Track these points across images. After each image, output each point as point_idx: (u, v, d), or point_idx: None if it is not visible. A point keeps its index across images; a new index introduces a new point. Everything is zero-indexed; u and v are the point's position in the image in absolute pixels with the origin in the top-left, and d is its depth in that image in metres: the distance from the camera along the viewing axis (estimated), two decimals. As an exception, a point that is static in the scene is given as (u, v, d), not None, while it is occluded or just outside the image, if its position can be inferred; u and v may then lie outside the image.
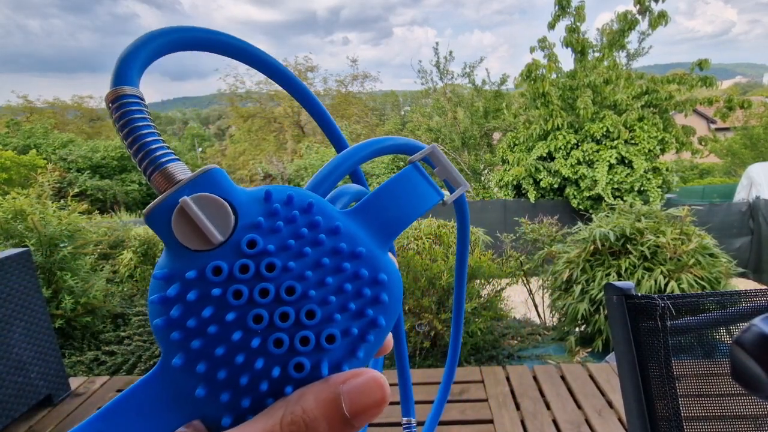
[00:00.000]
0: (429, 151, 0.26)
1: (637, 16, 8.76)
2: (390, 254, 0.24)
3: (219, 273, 0.20)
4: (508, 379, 2.22)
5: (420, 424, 0.40)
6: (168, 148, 0.22)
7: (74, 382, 2.35)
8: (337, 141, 0.32)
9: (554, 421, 1.90)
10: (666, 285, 3.12)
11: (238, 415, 0.20)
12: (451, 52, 12.67)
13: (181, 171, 0.21)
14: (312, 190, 0.24)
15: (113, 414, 0.19)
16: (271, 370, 0.20)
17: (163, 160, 0.21)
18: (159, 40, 0.23)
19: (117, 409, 0.19)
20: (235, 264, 0.20)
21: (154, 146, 0.21)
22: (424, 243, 3.76)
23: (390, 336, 0.25)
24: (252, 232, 0.20)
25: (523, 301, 4.37)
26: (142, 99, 0.22)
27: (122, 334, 3.41)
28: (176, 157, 0.22)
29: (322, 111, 0.31)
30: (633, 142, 8.25)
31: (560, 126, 8.47)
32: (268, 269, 0.20)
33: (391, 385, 0.21)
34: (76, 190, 10.04)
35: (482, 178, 11.54)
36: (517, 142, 9.28)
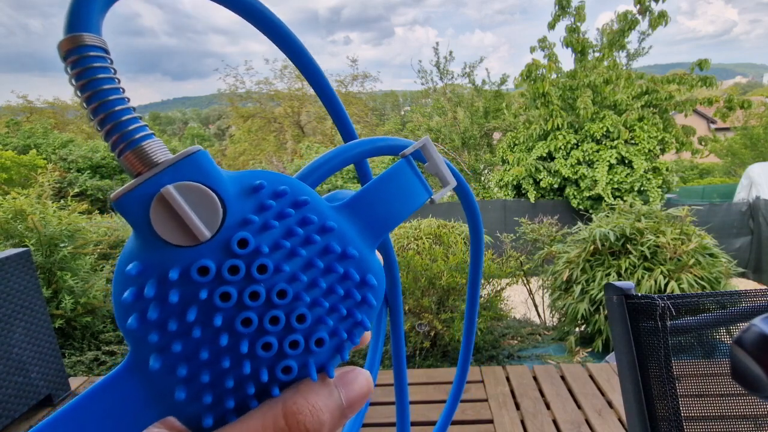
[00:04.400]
0: (422, 144, 0.24)
1: (637, 16, 8.77)
2: (377, 253, 0.23)
3: (206, 274, 0.18)
4: (508, 379, 2.22)
5: (431, 424, 0.39)
6: (140, 119, 0.19)
7: (74, 382, 2.35)
8: (330, 104, 0.27)
9: (554, 421, 1.90)
10: (666, 285, 3.12)
11: (221, 416, 0.19)
12: (451, 52, 12.69)
13: (159, 151, 0.18)
14: (301, 179, 0.22)
15: (77, 414, 0.18)
16: (258, 373, 0.19)
17: (138, 136, 0.18)
18: None
19: (81, 408, 0.18)
20: (224, 264, 0.18)
21: (125, 117, 0.18)
22: (424, 243, 3.76)
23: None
24: (242, 229, 0.19)
25: (523, 301, 4.37)
26: (107, 52, 0.18)
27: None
28: (151, 132, 0.19)
29: (322, 78, 0.26)
30: (633, 142, 8.25)
31: (560, 126, 8.47)
32: (260, 271, 0.19)
33: (386, 385, 0.21)
34: (76, 190, 10.04)
35: (482, 178, 11.54)
36: (517, 142, 9.27)
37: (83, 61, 0.17)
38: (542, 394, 2.09)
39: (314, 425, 0.19)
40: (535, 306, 4.40)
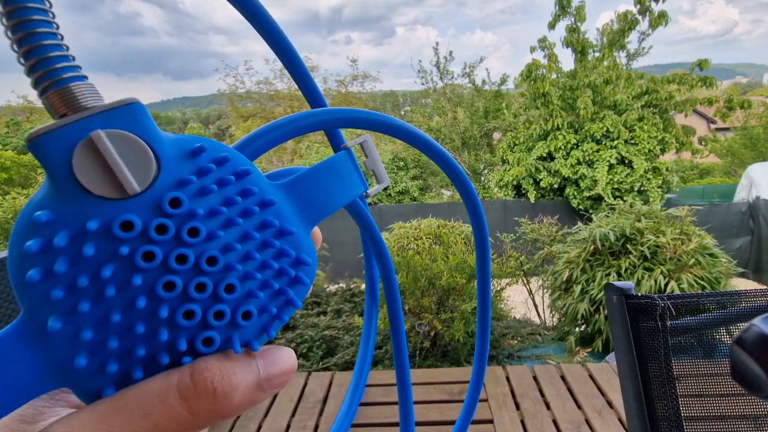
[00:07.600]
0: (363, 140, 0.25)
1: (637, 16, 8.77)
2: (313, 233, 0.22)
3: (129, 229, 0.16)
4: (508, 379, 2.22)
5: (431, 424, 0.39)
6: (73, 59, 0.17)
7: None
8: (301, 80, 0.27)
9: (554, 421, 1.90)
10: (666, 285, 3.12)
11: (126, 386, 0.17)
12: (451, 52, 12.67)
13: (90, 95, 0.17)
14: (237, 149, 0.20)
15: None
16: (176, 342, 0.17)
17: (66, 75, 0.16)
18: None
19: None
20: (152, 222, 0.16)
21: (53, 53, 0.16)
22: (424, 243, 3.76)
23: None
24: (177, 189, 0.17)
25: (523, 301, 4.37)
26: None
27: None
28: (84, 74, 0.17)
29: (292, 53, 0.26)
30: (633, 142, 8.25)
31: (560, 126, 8.47)
32: (191, 234, 0.17)
33: (384, 385, 0.20)
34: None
35: (482, 178, 11.54)
36: (517, 142, 9.28)
37: None
38: (542, 394, 2.08)
39: (223, 384, 0.17)
40: (535, 306, 4.40)
